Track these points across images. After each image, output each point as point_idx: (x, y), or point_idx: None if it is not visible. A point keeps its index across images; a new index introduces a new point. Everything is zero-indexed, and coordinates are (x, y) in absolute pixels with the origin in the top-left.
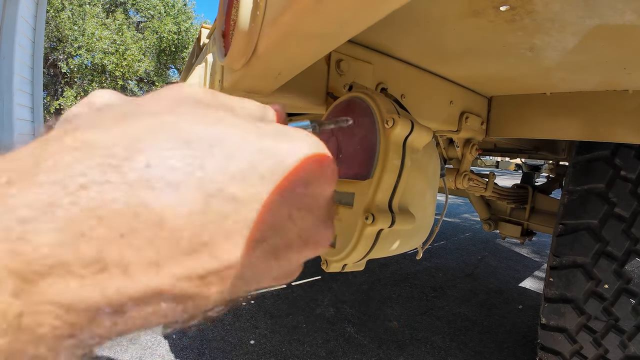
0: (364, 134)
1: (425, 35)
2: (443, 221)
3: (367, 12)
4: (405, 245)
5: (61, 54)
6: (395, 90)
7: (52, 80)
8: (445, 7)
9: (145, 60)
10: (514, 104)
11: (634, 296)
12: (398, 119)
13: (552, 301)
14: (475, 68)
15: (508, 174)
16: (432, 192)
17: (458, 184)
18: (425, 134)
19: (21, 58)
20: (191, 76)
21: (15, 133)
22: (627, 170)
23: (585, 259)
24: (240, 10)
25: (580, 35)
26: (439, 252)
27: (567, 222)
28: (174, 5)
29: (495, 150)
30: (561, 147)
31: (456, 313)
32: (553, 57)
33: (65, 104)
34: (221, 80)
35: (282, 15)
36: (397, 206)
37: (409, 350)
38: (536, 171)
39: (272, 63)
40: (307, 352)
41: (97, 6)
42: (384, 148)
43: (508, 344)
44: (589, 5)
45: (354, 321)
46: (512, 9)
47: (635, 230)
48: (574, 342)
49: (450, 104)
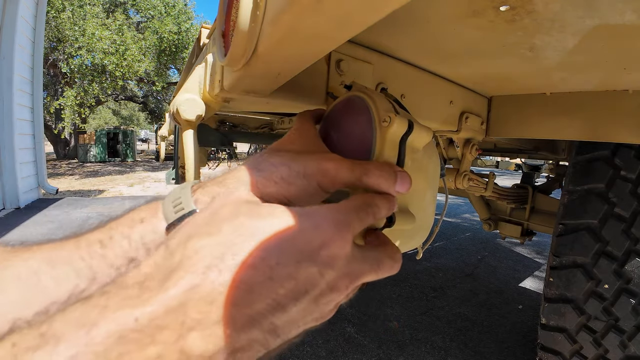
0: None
1: (425, 36)
2: (443, 221)
3: (367, 12)
4: (405, 246)
5: (61, 54)
6: (395, 90)
7: (52, 80)
8: (445, 7)
9: (146, 61)
10: (514, 104)
11: (634, 296)
12: (395, 118)
13: (552, 301)
14: (475, 68)
15: (508, 174)
16: (432, 192)
17: (458, 184)
18: (425, 134)
19: (21, 58)
20: (191, 76)
21: (15, 133)
22: (627, 170)
23: (585, 259)
24: (240, 10)
25: (580, 35)
26: (439, 252)
27: (567, 222)
28: (174, 5)
29: (495, 150)
30: (561, 147)
31: (456, 313)
32: (553, 57)
33: (65, 104)
34: (221, 80)
35: (282, 15)
36: (397, 206)
37: (409, 350)
38: (536, 171)
39: (272, 63)
40: (307, 352)
41: (97, 6)
42: (380, 146)
43: (508, 344)
44: (589, 5)
45: (354, 321)
46: (512, 9)
47: (635, 230)
48: (574, 342)
49: (450, 104)
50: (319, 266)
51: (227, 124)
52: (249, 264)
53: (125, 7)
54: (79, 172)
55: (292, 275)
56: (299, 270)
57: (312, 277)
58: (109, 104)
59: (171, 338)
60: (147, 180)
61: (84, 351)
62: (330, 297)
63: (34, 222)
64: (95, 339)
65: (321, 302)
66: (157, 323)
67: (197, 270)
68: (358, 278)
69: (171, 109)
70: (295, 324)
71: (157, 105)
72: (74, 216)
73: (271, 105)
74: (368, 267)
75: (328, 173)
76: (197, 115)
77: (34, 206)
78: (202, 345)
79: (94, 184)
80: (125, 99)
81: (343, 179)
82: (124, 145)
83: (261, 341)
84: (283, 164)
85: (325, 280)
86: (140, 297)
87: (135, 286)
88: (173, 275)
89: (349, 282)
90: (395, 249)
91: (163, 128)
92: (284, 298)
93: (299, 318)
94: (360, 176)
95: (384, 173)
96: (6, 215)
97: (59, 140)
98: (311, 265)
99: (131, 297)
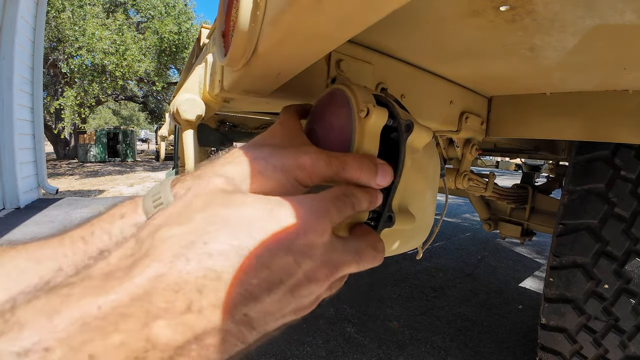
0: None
1: (425, 36)
2: (443, 221)
3: (367, 12)
4: (405, 245)
5: (61, 54)
6: (395, 90)
7: (52, 80)
8: (445, 8)
9: (146, 61)
10: (514, 104)
11: (634, 296)
12: (373, 109)
13: (552, 301)
14: (475, 68)
15: (508, 174)
16: (432, 192)
17: (458, 184)
18: (425, 134)
19: (21, 58)
20: (191, 76)
21: (15, 133)
22: (627, 170)
23: (585, 259)
24: (240, 10)
25: (580, 35)
26: (439, 252)
27: (567, 222)
28: (174, 5)
29: (495, 150)
30: (561, 147)
31: (456, 313)
32: (553, 57)
33: (65, 104)
34: (221, 80)
35: (282, 15)
36: (397, 206)
37: (409, 350)
38: (536, 171)
39: (272, 63)
40: (307, 352)
41: (97, 6)
42: (360, 138)
43: (508, 344)
44: (589, 5)
45: (354, 321)
46: (512, 9)
47: (635, 230)
48: (574, 342)
49: (450, 104)
50: (294, 255)
51: (227, 124)
52: (219, 251)
53: (126, 7)
54: (79, 172)
55: (265, 264)
56: (273, 259)
57: (288, 266)
58: (109, 104)
59: (135, 326)
60: (147, 180)
61: (46, 338)
62: (308, 288)
63: (34, 222)
64: (58, 326)
65: (299, 294)
66: (121, 311)
67: (164, 258)
68: (338, 268)
69: (171, 109)
70: (272, 315)
71: (157, 105)
72: (74, 216)
73: (271, 105)
74: (349, 257)
75: (304, 167)
76: (197, 115)
77: (34, 206)
78: (169, 335)
79: (94, 184)
80: (125, 99)
81: (321, 172)
82: (124, 145)
83: (235, 333)
84: (261, 158)
85: (302, 270)
86: (104, 286)
87: (100, 276)
88: (139, 263)
89: (328, 272)
90: (377, 239)
91: (163, 128)
92: (257, 288)
93: (275, 310)
94: (337, 169)
95: (362, 165)
96: (6, 215)
97: (59, 140)
98: (286, 254)
99: (96, 286)
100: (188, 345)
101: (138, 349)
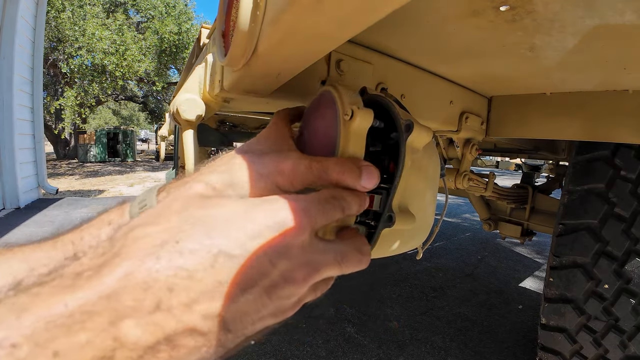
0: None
1: (425, 36)
2: (443, 221)
3: (367, 12)
4: (405, 246)
5: (61, 54)
6: (395, 90)
7: (52, 80)
8: (445, 8)
9: (146, 61)
10: (514, 104)
11: (634, 296)
12: (357, 110)
13: (552, 301)
14: (475, 68)
15: (508, 174)
16: (432, 192)
17: (458, 184)
18: (425, 134)
19: (21, 58)
20: (191, 76)
21: (15, 133)
22: (627, 170)
23: (585, 259)
24: (240, 10)
25: (580, 35)
26: (439, 252)
27: (567, 222)
28: (174, 5)
29: (495, 150)
30: (561, 147)
31: (456, 313)
32: (553, 57)
33: (65, 104)
34: (221, 80)
35: (282, 15)
36: (397, 206)
37: (409, 350)
38: (536, 171)
39: (272, 63)
40: (307, 352)
41: (97, 6)
42: (344, 141)
43: (508, 344)
44: (589, 5)
45: (354, 321)
46: (512, 9)
47: (635, 230)
48: (574, 342)
49: (450, 104)
50: (269, 255)
51: (227, 124)
52: (191, 250)
53: (126, 7)
54: (79, 172)
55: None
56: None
57: (261, 266)
58: (109, 104)
59: (102, 325)
60: (147, 180)
61: (13, 334)
62: (285, 289)
63: (34, 222)
64: (24, 323)
65: (276, 295)
66: (87, 309)
67: (134, 257)
68: (317, 270)
69: (171, 109)
70: (249, 317)
71: (157, 105)
72: (74, 216)
73: (271, 105)
74: (330, 258)
75: (284, 172)
76: (197, 115)
77: (34, 206)
78: (138, 334)
79: (94, 184)
80: (125, 99)
81: (302, 177)
82: (124, 145)
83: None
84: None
85: (277, 270)
86: (73, 285)
87: (71, 275)
88: (110, 263)
89: (306, 273)
90: (363, 242)
91: (163, 128)
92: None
93: (251, 311)
94: (319, 173)
95: (345, 169)
96: (6, 215)
97: (59, 140)
98: (260, 254)
99: (65, 285)
100: (158, 346)
101: (105, 348)
